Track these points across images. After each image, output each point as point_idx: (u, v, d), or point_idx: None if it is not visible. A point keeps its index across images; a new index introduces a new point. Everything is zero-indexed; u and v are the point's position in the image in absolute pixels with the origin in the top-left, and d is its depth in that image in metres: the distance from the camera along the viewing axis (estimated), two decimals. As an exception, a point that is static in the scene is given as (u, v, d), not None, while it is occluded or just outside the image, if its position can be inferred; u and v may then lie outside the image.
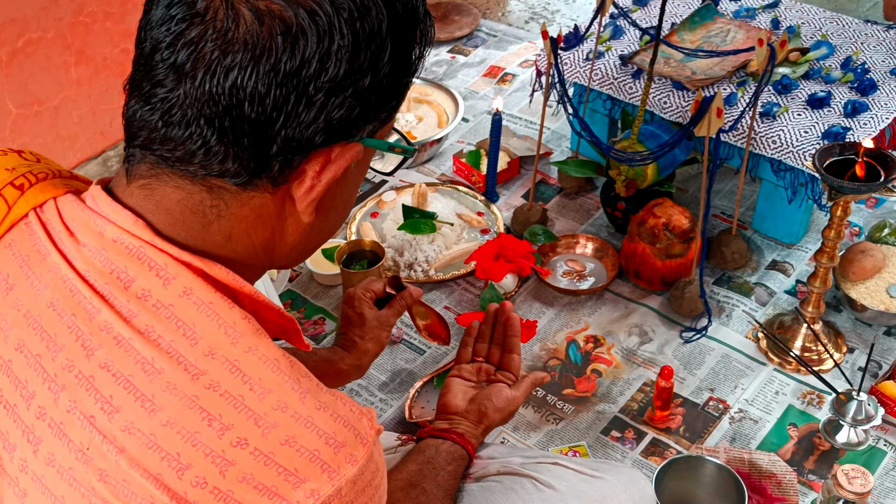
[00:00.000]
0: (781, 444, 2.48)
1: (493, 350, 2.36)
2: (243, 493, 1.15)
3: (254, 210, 1.28)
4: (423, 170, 3.46)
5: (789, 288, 2.90)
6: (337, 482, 1.18)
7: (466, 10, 4.30)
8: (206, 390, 1.17)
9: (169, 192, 1.25)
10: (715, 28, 3.13)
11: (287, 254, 1.38)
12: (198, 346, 1.19)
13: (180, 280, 1.22)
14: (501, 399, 2.20)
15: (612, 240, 3.07)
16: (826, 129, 2.73)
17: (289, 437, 1.17)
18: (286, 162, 1.23)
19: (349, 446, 1.20)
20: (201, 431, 1.16)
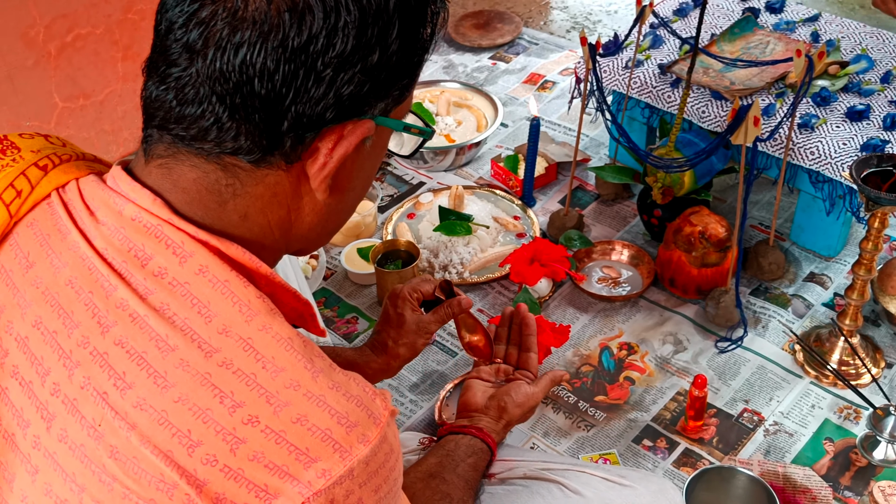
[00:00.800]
0: (817, 458, 2.45)
1: (510, 350, 2.41)
2: (254, 472, 1.15)
3: (269, 188, 1.28)
4: (462, 173, 3.45)
5: (827, 300, 2.87)
6: (349, 462, 1.17)
7: (509, 17, 4.30)
8: (219, 367, 1.18)
9: (185, 171, 1.27)
10: (754, 40, 3.11)
11: (304, 234, 1.38)
12: (212, 323, 1.20)
13: (196, 258, 1.23)
14: (521, 395, 2.22)
15: (648, 247, 3.05)
16: (865, 141, 2.71)
17: (300, 415, 1.17)
18: (298, 138, 1.24)
19: (362, 426, 1.19)
20: (213, 408, 1.16)
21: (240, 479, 1.15)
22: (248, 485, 1.15)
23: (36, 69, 3.24)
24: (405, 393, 2.65)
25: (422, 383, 2.69)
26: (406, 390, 2.66)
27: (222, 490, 1.15)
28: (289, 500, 1.15)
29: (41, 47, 3.22)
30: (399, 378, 2.68)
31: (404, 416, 2.59)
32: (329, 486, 1.16)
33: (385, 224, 3.18)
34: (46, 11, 3.18)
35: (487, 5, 4.49)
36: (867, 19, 4.11)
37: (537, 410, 2.58)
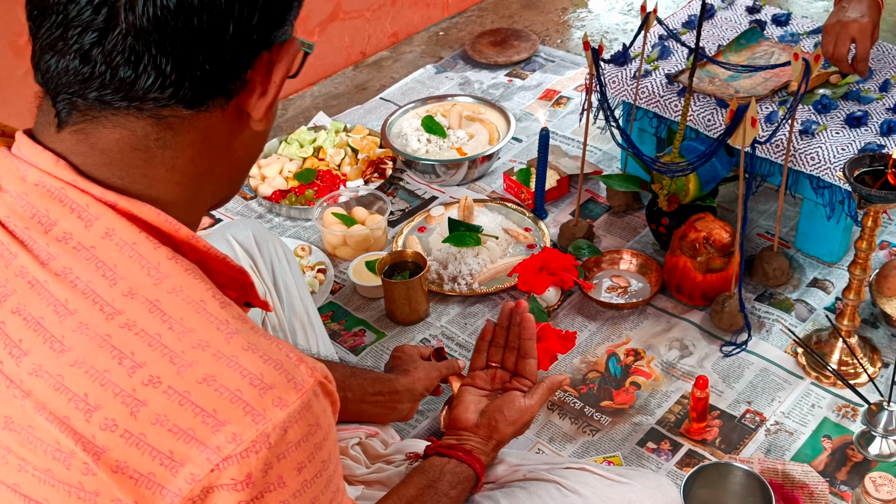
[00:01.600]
0: (815, 455, 2.48)
1: (507, 355, 2.27)
2: (157, 437, 1.09)
3: (201, 133, 1.23)
4: (474, 187, 3.48)
5: (829, 305, 2.89)
6: (262, 426, 1.10)
7: (525, 36, 4.33)
8: (121, 329, 1.12)
9: (106, 134, 1.19)
10: (760, 51, 3.14)
11: (230, 171, 1.33)
12: (117, 286, 1.15)
13: (102, 221, 1.17)
14: (514, 410, 2.09)
15: (656, 256, 3.08)
16: (863, 146, 2.74)
17: (207, 375, 1.11)
18: (236, 73, 1.20)
19: (278, 389, 1.12)
20: (111, 370, 1.11)
21: (142, 446, 1.09)
22: (152, 451, 1.09)
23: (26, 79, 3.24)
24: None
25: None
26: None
27: (123, 457, 1.10)
28: (197, 468, 1.09)
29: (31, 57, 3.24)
30: (404, 384, 2.71)
31: (409, 426, 2.62)
32: (241, 452, 1.09)
33: (395, 238, 3.21)
34: (36, 20, 3.20)
35: (505, 23, 4.54)
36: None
37: (542, 417, 2.62)
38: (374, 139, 3.63)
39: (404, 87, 4.12)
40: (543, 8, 4.67)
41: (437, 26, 4.58)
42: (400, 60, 4.33)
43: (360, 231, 3.12)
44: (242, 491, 1.11)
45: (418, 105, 3.72)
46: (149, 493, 1.10)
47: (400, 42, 4.46)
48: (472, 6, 4.71)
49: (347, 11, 4.18)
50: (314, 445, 1.16)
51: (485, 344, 2.29)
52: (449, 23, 4.60)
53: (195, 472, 1.09)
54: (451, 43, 4.44)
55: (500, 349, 2.28)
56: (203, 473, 1.09)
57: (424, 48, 4.42)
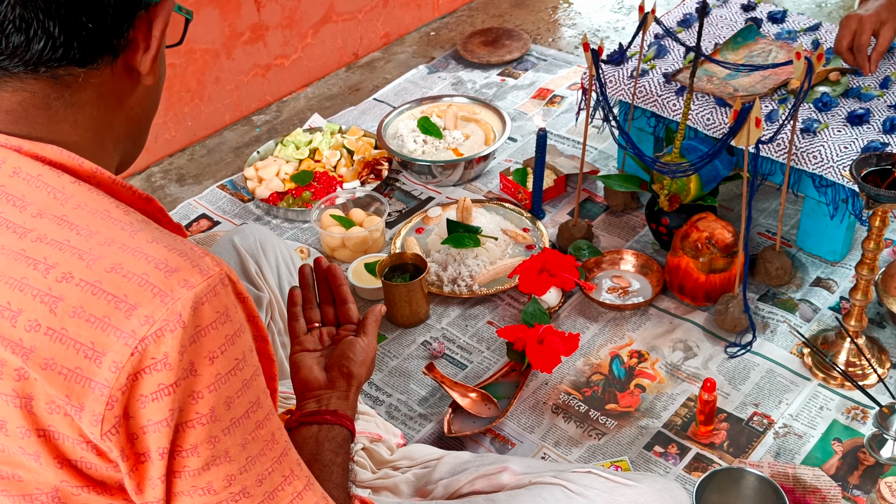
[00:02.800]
0: (826, 459, 2.46)
1: (325, 310, 2.05)
2: (77, 329, 1.15)
3: (96, 90, 1.31)
4: (471, 187, 3.47)
5: (833, 304, 2.88)
6: (171, 305, 1.16)
7: (517, 35, 4.32)
8: (33, 243, 1.20)
9: (8, 97, 1.27)
10: (757, 48, 3.13)
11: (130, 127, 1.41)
12: (26, 211, 1.22)
13: (9, 163, 1.25)
14: (358, 351, 1.91)
15: (657, 256, 3.06)
16: (865, 144, 2.73)
17: (115, 264, 1.17)
18: (118, 31, 1.28)
19: (183, 272, 1.18)
20: (28, 276, 1.18)
21: (65, 340, 1.15)
22: (75, 344, 1.15)
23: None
24: (414, 407, 2.67)
25: (431, 397, 2.71)
26: (415, 404, 2.67)
27: (50, 354, 1.16)
28: (117, 355, 1.14)
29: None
30: (408, 392, 2.70)
31: (413, 431, 2.61)
32: (156, 332, 1.15)
33: (393, 239, 3.20)
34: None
35: (496, 23, 4.52)
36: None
37: (547, 421, 2.60)
38: (370, 140, 3.61)
39: (397, 87, 4.10)
40: (533, 7, 4.65)
41: (428, 26, 4.56)
42: (392, 61, 4.31)
43: (359, 233, 3.11)
44: (162, 371, 1.16)
45: (413, 106, 3.70)
46: (78, 388, 1.16)
47: (392, 43, 4.44)
48: (462, 6, 4.69)
49: (340, 13, 4.16)
50: (225, 337, 1.22)
51: (297, 310, 2.04)
52: (440, 23, 4.58)
53: (116, 359, 1.15)
54: (442, 43, 4.42)
55: (314, 308, 2.05)
56: (124, 359, 1.14)
57: (416, 48, 4.40)
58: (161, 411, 1.18)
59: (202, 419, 1.21)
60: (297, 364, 1.93)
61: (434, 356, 2.81)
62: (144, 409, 1.17)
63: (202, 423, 1.21)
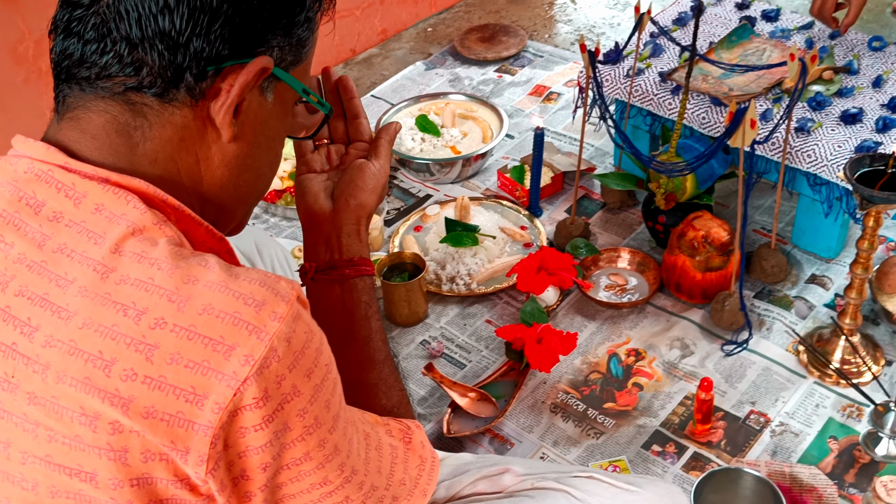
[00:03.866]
0: (822, 457, 2.48)
1: (334, 126, 1.89)
2: (176, 375, 1.16)
3: (177, 131, 1.32)
4: (468, 185, 3.48)
5: (828, 301, 2.90)
6: (266, 340, 1.17)
7: (514, 31, 4.33)
8: (118, 285, 1.19)
9: (94, 118, 1.30)
10: (751, 47, 3.14)
11: (217, 192, 1.41)
12: (104, 245, 1.22)
13: (91, 198, 1.26)
14: (368, 177, 1.79)
15: (653, 254, 3.08)
16: (859, 143, 2.75)
17: (206, 305, 1.18)
18: (200, 74, 1.29)
19: (270, 303, 1.19)
20: (118, 323, 1.17)
21: (164, 387, 1.16)
22: (174, 390, 1.15)
23: (26, 86, 3.28)
24: (413, 407, 2.67)
25: (430, 396, 2.72)
26: (414, 404, 2.68)
27: (150, 402, 1.16)
28: (220, 397, 1.16)
29: (31, 63, 3.26)
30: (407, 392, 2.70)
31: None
32: (257, 370, 1.16)
33: (391, 237, 3.21)
34: (36, 27, 3.22)
35: (492, 19, 4.53)
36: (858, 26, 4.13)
37: (546, 420, 2.62)
38: (366, 137, 3.61)
39: (395, 84, 4.11)
40: (530, 3, 4.67)
41: (426, 22, 4.57)
42: (389, 57, 4.32)
43: (358, 232, 3.11)
44: (263, 407, 1.18)
45: (411, 103, 3.72)
46: (181, 432, 1.16)
47: (389, 39, 4.45)
48: (458, 2, 4.70)
49: (337, 10, 4.09)
50: (315, 350, 1.24)
51: None
52: (437, 19, 4.60)
53: (219, 401, 1.16)
54: (439, 39, 4.44)
55: None
56: (227, 400, 1.16)
57: (413, 45, 4.41)
58: (263, 437, 1.20)
59: (309, 430, 1.25)
60: (303, 188, 1.82)
61: (433, 356, 2.83)
62: (244, 438, 1.20)
63: (310, 433, 1.26)
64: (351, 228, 1.77)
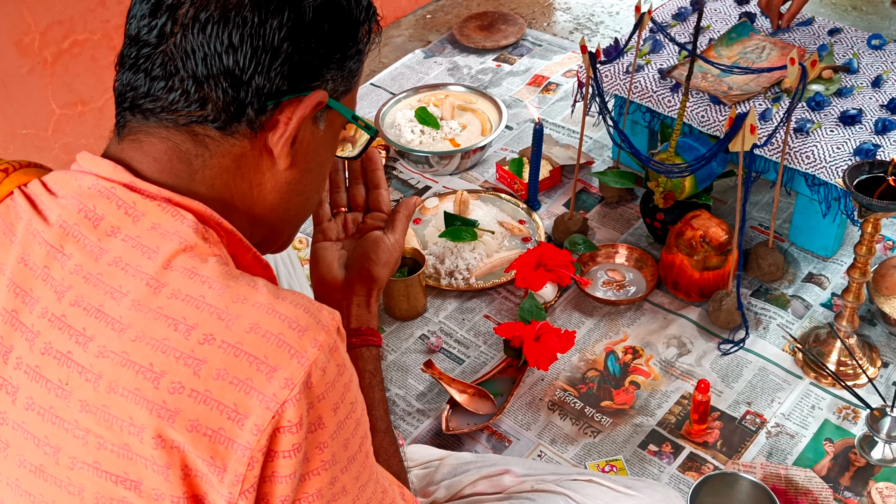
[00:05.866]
0: (818, 459, 2.50)
1: (354, 193, 1.92)
2: (221, 391, 1.19)
3: (235, 160, 1.38)
4: (467, 176, 3.49)
5: (825, 301, 2.92)
6: (305, 365, 1.20)
7: (512, 19, 4.33)
8: (169, 300, 1.23)
9: (156, 143, 1.35)
10: (751, 45, 3.15)
11: (266, 215, 1.47)
12: (157, 259, 1.26)
13: (149, 217, 1.30)
14: (383, 251, 1.81)
15: (651, 250, 3.10)
16: (858, 145, 2.76)
17: (253, 324, 1.21)
18: (261, 108, 1.35)
19: (312, 330, 1.22)
20: (169, 337, 1.21)
21: (209, 402, 1.19)
22: (218, 405, 1.19)
23: (31, 76, 3.29)
24: (412, 402, 2.70)
25: (429, 392, 2.74)
26: (413, 399, 2.70)
27: (195, 416, 1.19)
28: (259, 418, 1.18)
29: (37, 54, 3.27)
30: (406, 387, 2.73)
31: (411, 427, 2.64)
32: (296, 395, 1.19)
33: (391, 231, 3.19)
34: (41, 18, 3.23)
35: (491, 6, 4.53)
36: (858, 21, 4.16)
37: (543, 418, 2.64)
38: (367, 128, 3.61)
39: (394, 72, 4.11)
40: (529, -10, 4.67)
41: (425, 9, 4.57)
42: (388, 45, 4.32)
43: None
44: (297, 433, 1.21)
45: (410, 94, 3.72)
46: (222, 448, 1.19)
47: (388, 26, 4.45)
48: (458, -12, 4.71)
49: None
50: (344, 385, 1.27)
51: (326, 194, 1.92)
52: (436, 5, 4.60)
53: (258, 422, 1.18)
54: (438, 26, 4.44)
55: (342, 192, 1.93)
56: (266, 422, 1.18)
57: (412, 32, 4.41)
58: (291, 466, 1.22)
59: (325, 465, 1.27)
60: (318, 257, 1.85)
61: (432, 350, 2.84)
62: (273, 462, 1.22)
63: (325, 469, 1.27)
64: (361, 299, 1.80)
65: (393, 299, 2.91)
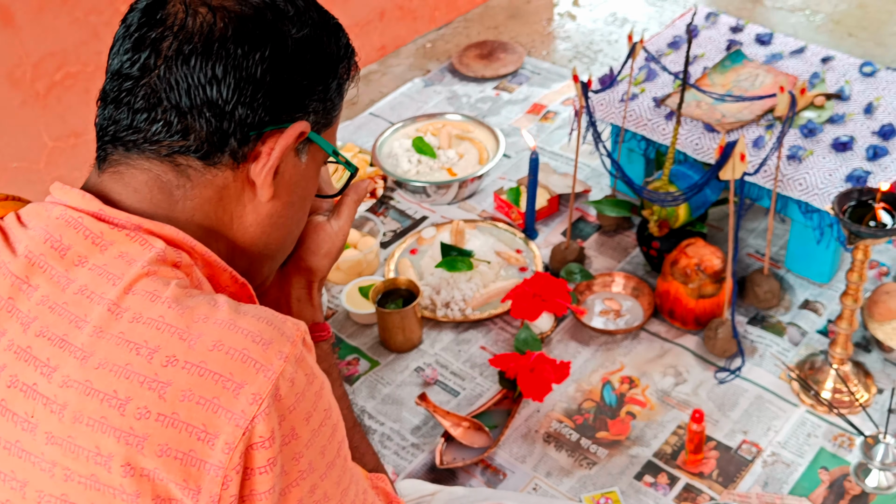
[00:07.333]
0: (813, 488, 2.48)
1: None
2: (188, 412, 1.19)
3: (217, 191, 1.39)
4: (465, 206, 3.49)
5: (821, 328, 2.90)
6: (272, 378, 1.20)
7: (512, 48, 4.33)
8: (130, 324, 1.23)
9: (137, 174, 1.37)
10: (744, 72, 3.15)
11: (247, 248, 1.47)
12: (119, 285, 1.26)
13: (117, 246, 1.31)
14: (323, 239, 1.70)
15: (648, 278, 3.09)
16: (849, 172, 2.76)
17: (215, 342, 1.21)
18: (244, 138, 1.36)
19: (276, 343, 1.23)
20: (132, 362, 1.21)
21: (177, 424, 1.18)
22: (187, 427, 1.18)
23: (23, 109, 3.30)
24: (406, 436, 2.69)
25: (423, 425, 2.72)
26: (408, 433, 2.69)
27: (164, 440, 1.18)
28: (230, 437, 1.18)
29: (29, 86, 3.27)
30: (401, 420, 2.72)
31: (405, 461, 2.62)
32: (264, 409, 1.19)
33: (387, 261, 3.21)
34: (33, 50, 3.24)
35: (491, 34, 4.53)
36: (854, 48, 4.15)
37: (539, 450, 2.63)
38: (365, 157, 3.63)
39: (393, 101, 4.11)
40: (528, 19, 4.67)
41: (425, 38, 4.57)
42: (388, 74, 4.33)
43: (353, 256, 3.12)
44: (271, 447, 1.21)
45: (408, 124, 3.72)
46: (194, 471, 1.19)
47: (388, 55, 4.46)
48: (457, 17, 4.70)
49: (335, 27, 4.16)
50: (315, 394, 1.28)
51: None
52: (436, 34, 4.60)
53: (229, 440, 1.18)
54: (438, 55, 4.44)
55: None
56: (236, 440, 1.18)
57: (412, 61, 4.42)
58: (269, 482, 1.22)
59: (303, 475, 1.28)
60: None
61: (427, 383, 2.83)
62: (250, 480, 1.22)
63: (304, 479, 1.28)
64: (301, 293, 1.74)
65: (388, 331, 2.90)
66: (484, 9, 4.76)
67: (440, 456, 2.57)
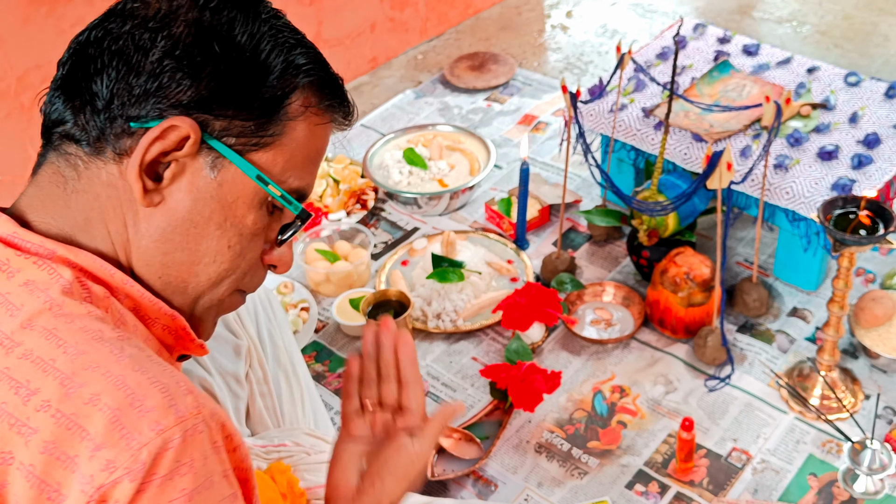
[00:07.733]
0: (802, 494, 2.49)
1: (383, 389, 1.69)
2: (46, 467, 1.10)
3: (104, 188, 1.27)
4: (456, 217, 3.50)
5: (809, 335, 2.92)
6: (135, 452, 1.08)
7: (503, 59, 4.35)
8: (19, 360, 1.14)
9: (43, 171, 1.31)
10: (732, 83, 3.16)
11: (144, 268, 1.30)
12: (16, 318, 1.18)
13: (24, 273, 1.21)
14: (402, 463, 1.60)
15: (639, 287, 3.10)
16: (835, 180, 2.79)
17: (94, 395, 1.11)
18: (125, 130, 1.25)
19: (157, 412, 1.11)
20: (8, 401, 1.12)
21: (32, 478, 1.10)
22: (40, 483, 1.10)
23: (8, 122, 3.30)
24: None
25: (415, 437, 2.71)
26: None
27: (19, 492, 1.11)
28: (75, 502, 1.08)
29: (13, 99, 3.28)
30: (392, 432, 2.72)
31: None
32: (114, 480, 1.08)
33: (378, 272, 3.22)
34: (18, 63, 3.24)
35: (483, 46, 4.55)
36: (840, 58, 4.17)
37: (531, 460, 2.64)
38: (356, 169, 3.64)
39: (384, 113, 4.13)
40: (520, 30, 4.68)
41: (416, 50, 4.59)
42: (379, 86, 4.34)
43: (344, 268, 3.13)
44: None
45: (399, 135, 3.73)
46: None
47: (379, 67, 4.47)
48: (449, 29, 4.72)
49: (327, 39, 4.18)
50: (182, 492, 1.12)
51: (351, 387, 1.70)
52: (427, 46, 4.61)
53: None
54: (429, 67, 4.45)
55: (373, 385, 1.70)
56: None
57: (403, 73, 4.43)
58: None
59: None
60: (336, 456, 1.65)
61: (417, 395, 2.83)
62: None
63: None
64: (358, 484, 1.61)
65: (379, 343, 2.90)
66: (475, 20, 4.77)
67: (431, 468, 2.57)
